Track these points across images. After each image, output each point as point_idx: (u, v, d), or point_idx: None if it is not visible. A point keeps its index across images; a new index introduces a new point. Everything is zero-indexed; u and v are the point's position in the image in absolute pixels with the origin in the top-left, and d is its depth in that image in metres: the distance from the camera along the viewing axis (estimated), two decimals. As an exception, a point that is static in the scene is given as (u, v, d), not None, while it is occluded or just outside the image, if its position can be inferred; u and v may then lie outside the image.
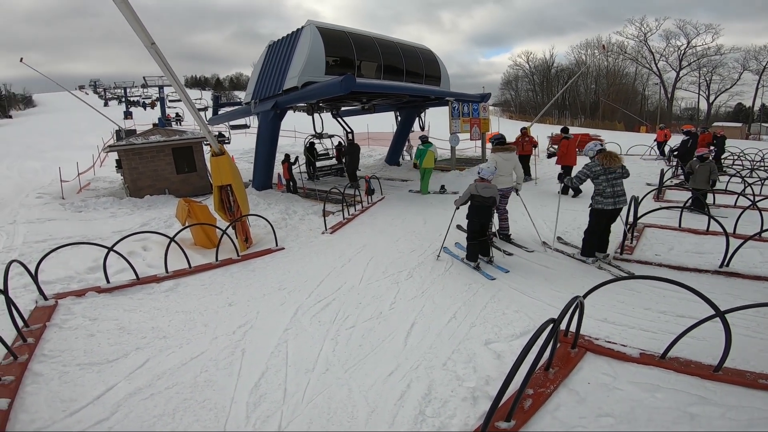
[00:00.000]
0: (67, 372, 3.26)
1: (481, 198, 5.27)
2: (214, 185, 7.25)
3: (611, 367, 3.01)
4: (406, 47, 13.76)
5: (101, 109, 28.97)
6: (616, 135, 27.74)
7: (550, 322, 2.44)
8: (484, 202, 5.28)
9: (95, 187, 14.10)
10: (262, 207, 9.86)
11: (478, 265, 5.39)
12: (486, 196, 5.27)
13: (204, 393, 3.02)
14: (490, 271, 5.30)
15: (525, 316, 3.95)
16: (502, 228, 6.51)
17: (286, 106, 11.95)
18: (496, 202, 5.42)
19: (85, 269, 5.84)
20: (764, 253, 5.19)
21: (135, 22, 5.50)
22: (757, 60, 48.14)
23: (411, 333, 3.80)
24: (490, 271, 5.26)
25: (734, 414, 2.43)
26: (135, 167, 11.72)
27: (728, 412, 2.45)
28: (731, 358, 2.78)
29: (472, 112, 13.75)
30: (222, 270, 5.95)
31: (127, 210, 10.13)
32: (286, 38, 12.01)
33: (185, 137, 12.59)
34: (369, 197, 10.53)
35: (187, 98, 6.66)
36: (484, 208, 5.31)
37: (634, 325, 3.68)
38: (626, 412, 2.52)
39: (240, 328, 4.08)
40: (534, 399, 2.63)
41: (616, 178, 5.21)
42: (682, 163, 11.45)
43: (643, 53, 55.60)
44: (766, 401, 2.53)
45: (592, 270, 5.25)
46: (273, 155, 12.51)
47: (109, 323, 4.15)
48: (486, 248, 5.56)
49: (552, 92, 57.22)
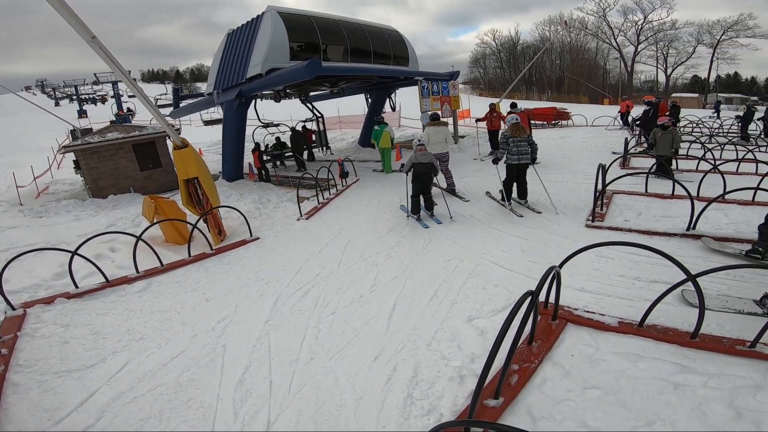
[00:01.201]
0: (46, 381, 3.16)
1: (420, 164, 6.32)
2: (180, 179, 6.98)
3: (592, 337, 3.05)
4: (373, 29, 13.53)
5: (52, 109, 27.44)
6: (582, 108, 28.25)
7: (528, 294, 2.42)
8: (422, 168, 6.32)
9: (55, 190, 13.41)
10: (234, 198, 9.62)
11: (419, 217, 6.54)
12: (424, 162, 6.33)
13: (188, 392, 2.95)
14: (429, 222, 6.44)
15: (505, 290, 3.98)
16: (449, 185, 8.01)
17: (251, 95, 11.62)
18: (433, 165, 6.44)
19: (51, 276, 5.59)
20: (729, 214, 5.39)
21: (71, 17, 5.23)
22: (711, 34, 49.84)
23: (393, 315, 3.79)
24: (428, 222, 6.43)
25: (716, 382, 2.47)
26: (94, 167, 11.18)
27: (710, 381, 2.49)
28: (706, 323, 2.84)
29: (442, 91, 13.68)
30: (196, 265, 5.80)
31: (90, 212, 9.69)
32: (246, 25, 11.62)
33: (146, 132, 12.06)
34: (343, 180, 10.42)
35: (139, 90, 6.37)
36: (423, 173, 6.35)
37: (611, 293, 3.75)
38: (611, 384, 2.55)
39: (219, 323, 3.98)
40: (520, 374, 2.65)
41: (521, 143, 6.51)
42: (644, 131, 11.77)
43: (603, 29, 56.67)
44: (745, 368, 2.56)
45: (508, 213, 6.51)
46: (241, 145, 12.20)
47: (82, 329, 4.00)
48: (429, 204, 6.64)
49: (519, 69, 57.64)
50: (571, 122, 19.44)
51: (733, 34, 48.48)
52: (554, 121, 19.26)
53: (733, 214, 5.41)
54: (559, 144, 12.61)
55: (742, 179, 6.79)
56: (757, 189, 5.45)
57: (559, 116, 19.41)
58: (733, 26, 48.13)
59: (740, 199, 5.69)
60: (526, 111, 10.47)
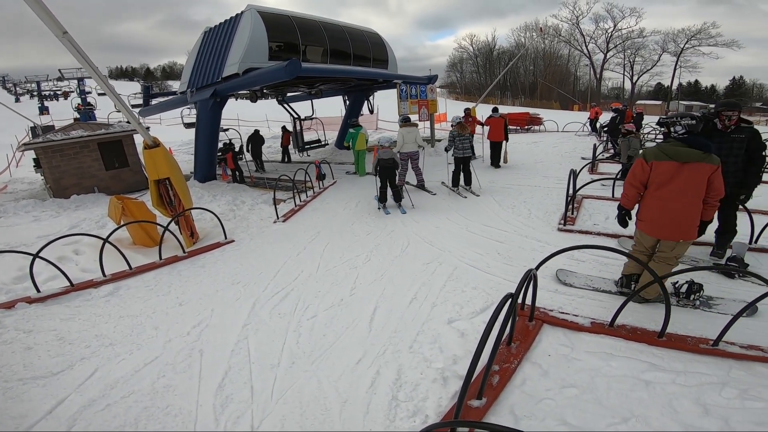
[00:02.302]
0: (10, 387, 3.01)
1: (383, 161, 7.30)
2: (150, 180, 6.75)
3: (567, 337, 3.15)
4: (353, 31, 13.49)
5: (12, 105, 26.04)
6: (553, 113, 29.13)
7: (509, 297, 2.47)
8: (385, 164, 7.29)
9: (13, 189, 12.76)
10: (207, 199, 9.39)
11: (384, 206, 7.53)
12: (386, 158, 7.31)
13: (165, 399, 2.85)
14: (393, 210, 7.43)
15: (483, 293, 4.04)
16: (419, 181, 8.91)
17: (226, 94, 11.37)
18: (396, 162, 7.41)
19: (10, 279, 5.27)
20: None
21: (42, 11, 5.01)
22: (675, 42, 52.42)
23: (374, 318, 3.78)
24: (392, 210, 7.42)
25: (683, 379, 2.60)
26: (56, 165, 10.67)
27: (678, 378, 2.62)
28: (671, 323, 2.97)
29: (420, 94, 13.81)
30: (168, 269, 5.62)
31: (51, 212, 9.22)
32: (224, 24, 11.36)
33: (113, 131, 11.60)
34: (320, 182, 10.34)
35: (110, 88, 6.16)
36: (387, 168, 7.33)
37: (583, 294, 3.90)
38: (587, 382, 2.64)
39: (194, 328, 3.87)
40: (501, 375, 2.70)
41: (464, 140, 8.26)
42: (612, 137, 12.23)
43: (576, 36, 58.74)
44: (709, 366, 2.71)
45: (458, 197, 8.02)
46: (215, 145, 11.91)
47: (46, 334, 3.81)
48: (396, 195, 7.54)
49: (494, 74, 58.97)
50: (543, 127, 20.01)
51: (696, 42, 51.02)
52: (527, 126, 19.76)
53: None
54: (532, 149, 12.97)
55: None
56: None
57: (531, 121, 19.94)
58: (696, 35, 50.63)
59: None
60: (503, 116, 10.70)
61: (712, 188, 3.29)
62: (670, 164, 3.33)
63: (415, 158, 8.65)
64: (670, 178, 3.34)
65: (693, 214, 3.35)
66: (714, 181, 3.27)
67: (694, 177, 3.27)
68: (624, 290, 3.85)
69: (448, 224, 6.39)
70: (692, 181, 3.28)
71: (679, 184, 3.31)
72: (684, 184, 3.29)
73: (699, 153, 3.24)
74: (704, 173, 3.25)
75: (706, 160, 3.23)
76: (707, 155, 3.23)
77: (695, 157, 3.24)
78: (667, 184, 3.36)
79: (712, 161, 3.24)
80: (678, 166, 3.30)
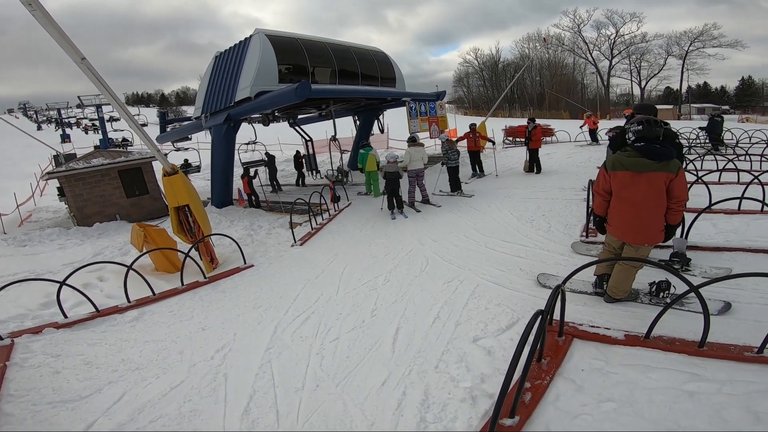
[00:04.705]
0: (40, 411, 3.05)
1: (389, 173, 8.48)
2: (170, 207, 6.88)
3: (600, 351, 3.05)
4: (360, 50, 13.75)
5: (34, 133, 26.97)
6: (564, 123, 28.96)
7: (539, 313, 2.44)
8: (391, 176, 8.47)
9: (38, 218, 13.13)
10: (224, 225, 9.52)
11: (393, 212, 8.64)
12: (391, 171, 8.48)
13: (192, 423, 2.85)
14: (397, 216, 8.55)
15: (508, 309, 3.97)
16: (424, 197, 9.39)
17: (240, 118, 11.62)
18: (398, 174, 8.58)
19: (37, 306, 5.43)
20: (717, 224, 5.52)
21: (61, 37, 5.22)
22: (679, 45, 52.09)
23: (397, 338, 3.74)
24: (396, 216, 8.54)
25: (730, 389, 2.48)
26: (79, 194, 10.98)
27: (724, 387, 2.50)
28: (711, 332, 2.86)
29: (429, 111, 13.91)
30: (189, 294, 5.69)
31: (76, 240, 9.47)
32: (233, 48, 11.70)
33: (132, 158, 11.93)
34: (335, 204, 10.40)
35: (128, 113, 6.29)
36: (392, 179, 8.51)
37: (613, 307, 3.80)
38: (626, 395, 2.54)
39: (218, 352, 3.88)
40: (533, 392, 2.63)
41: (452, 153, 9.90)
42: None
43: (579, 44, 58.86)
44: (756, 374, 2.59)
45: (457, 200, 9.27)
46: (230, 170, 12.12)
47: (74, 359, 3.88)
48: (399, 203, 8.71)
49: (501, 86, 59.27)
50: (555, 138, 19.90)
51: (699, 44, 50.68)
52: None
53: (720, 224, 5.56)
54: (546, 160, 12.86)
55: (725, 189, 7.00)
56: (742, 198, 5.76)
57: (543, 133, 19.81)
58: (699, 37, 50.33)
59: (726, 209, 5.85)
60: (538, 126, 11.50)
61: (671, 195, 3.37)
62: (626, 174, 3.46)
63: (421, 175, 9.20)
64: (629, 186, 3.46)
65: (655, 219, 3.45)
66: (674, 188, 3.34)
67: (651, 185, 3.36)
68: (598, 290, 3.98)
69: (467, 242, 6.34)
70: (650, 190, 3.37)
71: (639, 191, 3.42)
72: (643, 191, 3.40)
73: (652, 163, 3.31)
74: (661, 181, 3.33)
75: (662, 168, 3.31)
76: (663, 164, 3.30)
77: (650, 167, 3.33)
78: (627, 192, 3.48)
79: (669, 169, 3.30)
80: (634, 175, 3.42)
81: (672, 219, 3.49)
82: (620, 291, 3.74)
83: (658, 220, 3.45)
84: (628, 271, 3.64)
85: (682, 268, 4.31)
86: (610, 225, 3.74)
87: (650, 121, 3.40)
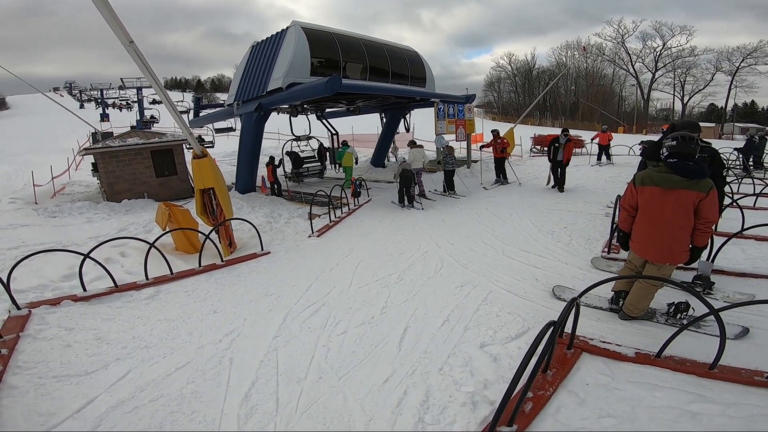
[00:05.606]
0: (44, 384, 3.10)
1: (405, 170, 9.47)
2: (196, 188, 7.05)
3: (608, 367, 2.97)
4: (392, 48, 13.74)
5: (77, 111, 28.11)
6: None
7: (551, 324, 2.39)
8: (406, 173, 9.44)
9: (70, 191, 13.66)
10: (245, 210, 9.68)
11: (403, 205, 9.64)
12: (408, 169, 9.49)
13: (192, 405, 2.88)
14: (410, 209, 9.47)
15: (519, 318, 3.89)
16: (420, 191, 10.46)
17: (270, 108, 11.80)
18: (412, 173, 9.65)
19: (59, 277, 5.60)
20: (746, 250, 5.28)
21: (113, 20, 5.37)
22: (730, 61, 49.64)
23: (404, 338, 3.71)
24: (409, 209, 9.47)
25: (733, 411, 2.42)
26: (112, 171, 11.39)
27: (727, 410, 2.44)
28: (724, 355, 2.77)
29: (458, 113, 13.78)
30: (205, 276, 5.79)
31: (103, 215, 9.82)
32: (270, 39, 11.86)
33: (165, 140, 12.29)
34: (355, 199, 10.44)
35: (167, 98, 6.47)
36: (407, 176, 9.46)
37: (627, 324, 3.68)
38: (627, 412, 2.49)
39: (227, 336, 3.93)
40: (534, 402, 2.57)
41: (450, 158, 10.90)
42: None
43: (621, 55, 57.04)
44: (762, 398, 2.53)
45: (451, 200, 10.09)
46: (256, 158, 12.33)
47: (86, 333, 3.96)
48: (410, 199, 9.65)
49: (533, 94, 58.12)
50: (585, 150, 19.35)
51: (752, 61, 48.17)
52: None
53: (750, 250, 5.32)
54: (573, 173, 12.56)
55: (760, 214, 6.69)
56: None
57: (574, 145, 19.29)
58: (752, 53, 47.84)
59: (758, 235, 5.56)
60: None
61: (700, 215, 3.23)
62: (655, 190, 3.35)
63: (420, 174, 10.52)
64: (657, 203, 3.35)
65: (680, 238, 3.33)
66: (702, 208, 3.20)
67: (680, 203, 3.24)
68: (613, 307, 3.88)
69: (484, 248, 6.25)
70: (678, 208, 3.25)
71: (666, 209, 3.30)
72: (671, 209, 3.28)
73: (683, 180, 3.19)
74: (690, 200, 3.20)
75: (692, 187, 3.18)
76: (694, 182, 3.17)
77: (680, 184, 3.21)
78: (654, 208, 3.40)
79: (700, 188, 3.17)
80: (663, 192, 3.30)
81: (699, 240, 3.36)
82: (637, 309, 3.63)
83: (683, 240, 3.33)
84: (648, 289, 3.54)
85: (704, 291, 4.16)
86: (633, 241, 3.65)
87: (686, 138, 3.27)
